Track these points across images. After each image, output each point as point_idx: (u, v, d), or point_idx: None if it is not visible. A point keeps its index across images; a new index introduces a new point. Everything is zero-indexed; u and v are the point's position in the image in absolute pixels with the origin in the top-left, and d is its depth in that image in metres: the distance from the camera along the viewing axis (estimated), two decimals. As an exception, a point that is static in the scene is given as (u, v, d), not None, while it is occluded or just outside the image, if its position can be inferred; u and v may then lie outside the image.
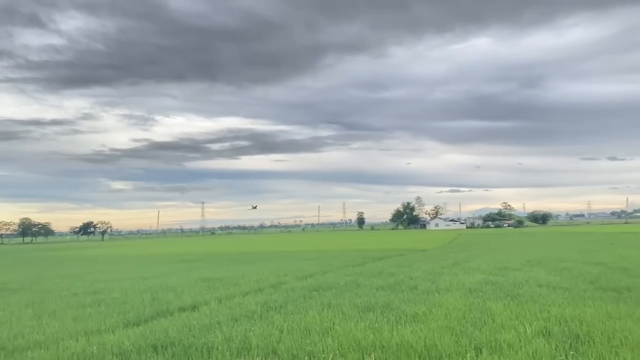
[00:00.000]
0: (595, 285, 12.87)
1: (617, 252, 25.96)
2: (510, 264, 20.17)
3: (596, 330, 7.55)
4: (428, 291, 12.76)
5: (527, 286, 13.01)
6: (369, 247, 43.23)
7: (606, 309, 9.18)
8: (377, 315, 9.67)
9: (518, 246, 36.29)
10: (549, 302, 10.30)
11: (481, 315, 9.20)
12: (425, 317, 9.23)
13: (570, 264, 19.22)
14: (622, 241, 39.38)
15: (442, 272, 17.79)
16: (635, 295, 10.87)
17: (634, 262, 19.27)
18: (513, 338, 7.27)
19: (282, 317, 9.84)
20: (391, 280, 15.37)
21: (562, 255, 24.68)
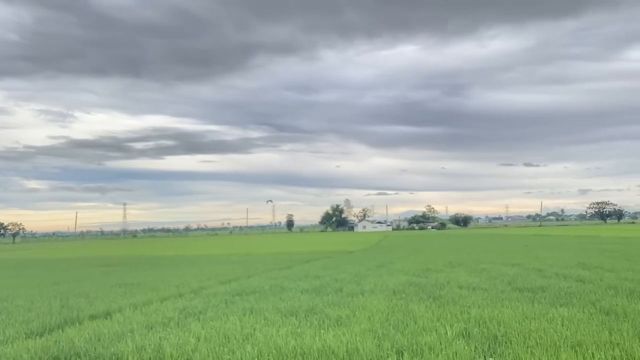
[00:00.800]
0: (512, 286, 13.34)
1: (532, 253, 27.30)
2: (433, 265, 20.65)
3: (513, 330, 7.71)
4: (353, 293, 12.71)
5: (448, 287, 13.28)
6: (297, 250, 43.10)
7: (522, 310, 9.46)
8: (300, 319, 9.45)
9: (441, 248, 37.44)
10: (469, 303, 10.50)
11: (404, 318, 9.22)
12: (349, 321, 9.12)
13: (489, 265, 19.95)
14: (536, 243, 41.63)
15: (367, 274, 17.89)
16: (548, 296, 11.32)
17: (548, 263, 20.29)
18: (434, 340, 7.28)
19: (201, 323, 9.40)
20: (317, 283, 15.23)
21: (481, 256, 25.64)
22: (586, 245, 35.19)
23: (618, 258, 21.89)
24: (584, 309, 9.50)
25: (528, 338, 7.20)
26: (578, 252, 26.90)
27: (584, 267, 17.79)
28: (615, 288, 12.06)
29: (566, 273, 15.93)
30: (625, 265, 17.94)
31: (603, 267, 17.79)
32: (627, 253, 25.11)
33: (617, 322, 8.08)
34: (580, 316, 8.74)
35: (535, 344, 6.85)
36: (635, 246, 31.68)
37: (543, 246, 35.38)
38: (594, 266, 18.12)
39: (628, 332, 7.33)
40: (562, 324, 8.08)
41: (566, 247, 32.49)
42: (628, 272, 15.71)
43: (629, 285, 12.46)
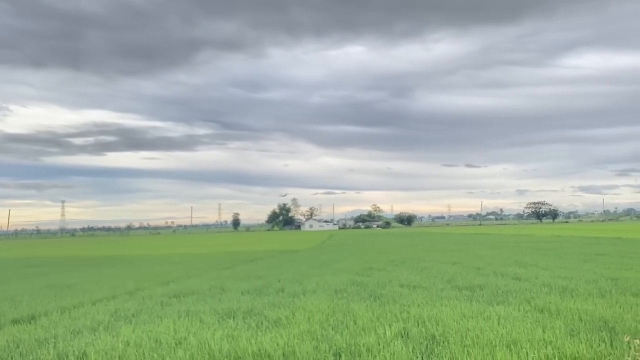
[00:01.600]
0: (451, 284, 13.50)
1: (471, 251, 27.98)
2: (376, 264, 20.74)
3: (451, 330, 7.71)
4: (294, 294, 12.50)
5: (390, 286, 13.29)
6: (242, 249, 42.49)
7: (461, 308, 9.52)
8: (238, 322, 9.14)
9: (384, 246, 37.83)
10: (409, 302, 10.50)
11: (344, 318, 9.08)
12: (288, 322, 8.89)
13: (430, 263, 20.23)
14: (476, 241, 42.81)
15: (310, 273, 17.73)
16: (486, 294, 11.49)
17: (486, 261, 20.79)
18: (372, 341, 7.16)
19: (132, 327, 8.92)
20: (259, 284, 14.93)
21: (423, 255, 26.02)
22: (523, 243, 36.45)
23: (552, 256, 22.71)
24: (520, 306, 9.67)
25: (465, 337, 7.19)
26: (515, 251, 27.77)
27: (520, 265, 18.31)
28: (549, 286, 12.39)
29: (503, 271, 16.31)
30: (558, 263, 18.59)
31: (538, 265, 18.36)
32: (561, 251, 26.14)
33: (550, 320, 8.24)
34: (515, 314, 8.87)
35: (472, 344, 6.84)
36: (568, 245, 33.08)
37: (482, 245, 36.39)
38: (530, 264, 18.69)
39: (560, 329, 7.46)
40: (499, 322, 8.15)
41: (504, 246, 33.52)
42: (561, 269, 16.26)
43: (561, 282, 12.84)
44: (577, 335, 7.08)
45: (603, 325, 7.66)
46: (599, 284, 12.53)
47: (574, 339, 6.81)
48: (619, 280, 13.05)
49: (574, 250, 26.32)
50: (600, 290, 11.44)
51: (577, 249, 27.49)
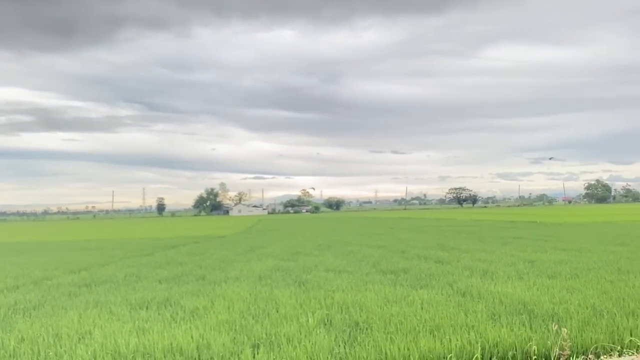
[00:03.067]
0: (376, 268, 13.46)
1: (396, 235, 28.44)
2: (302, 248, 20.52)
3: (375, 316, 7.52)
4: (216, 281, 11.96)
5: (315, 271, 13.05)
6: (164, 235, 41.01)
7: (385, 293, 9.40)
8: (151, 313, 8.52)
9: (313, 231, 37.80)
10: (334, 287, 10.27)
11: (266, 306, 8.70)
12: (206, 312, 8.38)
13: (357, 247, 20.26)
14: (401, 225, 43.77)
15: (235, 259, 17.21)
16: (410, 278, 11.50)
17: (410, 244, 21.10)
18: (294, 331, 6.82)
19: (31, 321, 8.10)
20: (178, 271, 14.24)
21: (350, 239, 26.13)
22: (445, 227, 37.62)
23: (472, 239, 23.44)
24: (442, 290, 9.68)
25: (389, 323, 7.01)
26: (438, 234, 28.52)
27: (443, 249, 18.69)
28: (470, 269, 12.61)
29: (427, 254, 16.55)
30: (479, 247, 19.15)
31: (460, 248, 18.82)
32: (480, 235, 27.10)
33: (472, 303, 8.25)
34: (438, 298, 8.84)
35: (395, 330, 6.66)
36: (487, 228, 34.46)
37: (407, 228, 37.20)
38: (452, 247, 19.13)
39: (482, 313, 7.46)
40: (422, 306, 8.07)
41: (427, 230, 34.42)
42: (482, 253, 16.71)
43: (482, 265, 13.12)
44: (498, 319, 7.08)
45: (522, 308, 7.74)
46: (517, 266, 12.90)
47: (495, 323, 6.79)
48: (535, 263, 13.51)
49: (492, 234, 27.36)
50: (518, 272, 11.74)
51: (495, 233, 28.62)
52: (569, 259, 14.06)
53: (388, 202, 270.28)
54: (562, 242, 20.15)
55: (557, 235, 24.54)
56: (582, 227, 32.30)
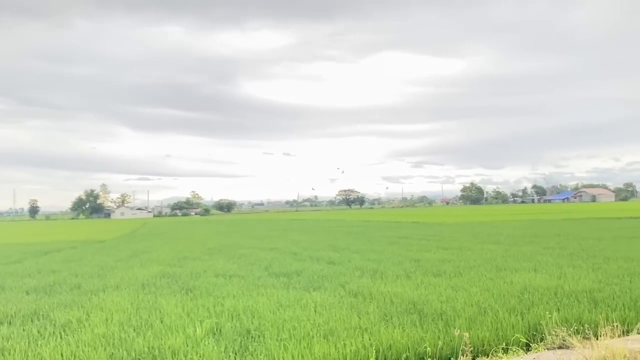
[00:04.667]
0: (269, 271, 13.16)
1: (289, 237, 28.35)
2: (191, 253, 19.66)
3: (267, 322, 7.21)
4: (93, 290, 10.96)
5: (204, 277, 12.47)
6: (36, 240, 37.47)
7: (277, 297, 9.13)
8: (14, 329, 7.52)
9: (202, 234, 36.63)
10: (224, 293, 9.82)
11: (149, 316, 8.04)
12: (80, 326, 7.56)
13: (248, 250, 19.82)
14: (293, 227, 43.88)
15: (115, 265, 16.01)
16: (303, 280, 11.34)
17: (302, 246, 21.07)
18: (180, 343, 6.32)
19: None
20: (50, 280, 12.90)
21: (242, 242, 25.58)
22: (336, 228, 38.29)
23: (362, 240, 23.98)
24: (335, 292, 9.62)
25: (282, 330, 6.74)
26: (329, 235, 28.87)
27: (334, 249, 18.85)
28: (361, 269, 12.74)
29: (319, 255, 16.56)
30: (368, 247, 19.57)
31: (350, 248, 19.10)
32: (369, 235, 27.85)
33: (364, 304, 8.24)
34: (332, 300, 8.74)
35: (288, 336, 6.40)
36: (375, 229, 35.58)
37: (299, 230, 37.33)
38: (343, 248, 19.36)
39: (374, 314, 7.44)
40: (315, 310, 7.90)
41: (319, 231, 34.78)
42: (371, 253, 17.06)
43: (372, 265, 13.33)
44: (390, 320, 7.09)
45: (412, 308, 7.85)
46: (404, 265, 13.26)
47: (388, 325, 6.78)
48: (420, 262, 13.99)
49: (380, 234, 28.24)
50: (406, 272, 12.05)
51: (383, 233, 29.59)
52: (451, 258, 14.74)
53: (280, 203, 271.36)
54: (443, 241, 21.22)
55: (438, 235, 25.87)
56: (460, 227, 34.45)
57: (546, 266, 12.22)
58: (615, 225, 30.15)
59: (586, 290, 8.66)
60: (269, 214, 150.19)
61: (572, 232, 24.60)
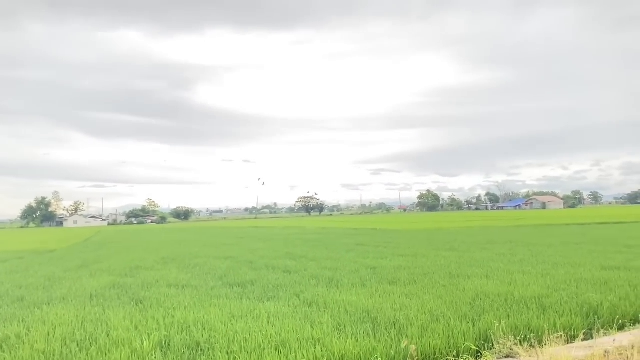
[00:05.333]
0: (223, 281, 12.89)
1: (246, 245, 27.96)
2: (144, 262, 19.09)
3: (218, 334, 7.00)
4: (36, 303, 10.46)
5: (156, 287, 12.10)
6: (-19, 250, 35.72)
7: (230, 308, 8.91)
8: (-57, 348, 7.04)
9: (157, 243, 35.74)
10: (175, 304, 9.53)
11: (95, 330, 7.70)
12: (19, 342, 7.16)
13: (204, 259, 19.41)
14: (250, 235, 43.40)
15: (64, 276, 15.37)
16: (257, 290, 11.14)
17: (259, 254, 20.80)
18: (125, 357, 6.06)
19: None
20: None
21: (197, 250, 25.06)
22: (293, 236, 38.08)
23: (319, 247, 23.89)
24: (290, 301, 9.48)
25: (232, 342, 6.56)
26: (286, 243, 28.65)
27: (291, 258, 18.68)
28: (317, 277, 12.64)
29: (275, 264, 16.37)
30: (325, 254, 19.50)
31: (307, 256, 18.98)
32: (326, 242, 27.80)
33: (318, 314, 8.14)
34: (285, 310, 8.60)
35: (239, 349, 6.23)
36: (333, 236, 35.58)
37: (256, 238, 36.93)
38: (300, 256, 19.22)
39: (328, 324, 7.34)
40: (268, 321, 7.74)
41: (276, 238, 34.48)
42: (328, 260, 16.99)
43: (328, 274, 13.25)
44: (343, 329, 7.01)
45: (366, 317, 7.79)
46: (360, 273, 13.24)
47: (341, 335, 6.69)
48: (377, 269, 14.01)
49: (338, 241, 28.23)
50: (362, 280, 12.02)
51: (340, 240, 29.60)
52: (407, 265, 14.83)
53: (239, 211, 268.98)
54: (400, 248, 21.38)
55: (395, 242, 26.07)
56: (416, 234, 34.86)
57: (498, 273, 12.44)
58: (563, 232, 31.16)
59: (535, 297, 8.82)
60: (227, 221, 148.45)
61: (523, 239, 25.25)
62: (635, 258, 14.53)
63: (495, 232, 33.86)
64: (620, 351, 5.29)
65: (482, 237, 27.93)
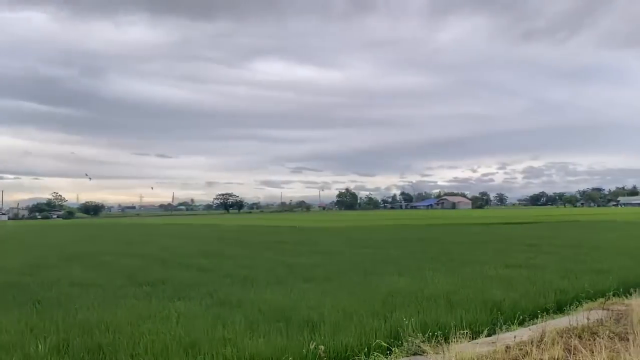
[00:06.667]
0: (132, 280, 12.32)
1: (158, 242, 27.02)
2: (45, 260, 17.88)
3: (123, 336, 6.63)
4: None
5: (57, 287, 11.34)
6: None
7: (138, 308, 8.50)
8: None
9: (62, 239, 33.67)
10: (78, 305, 8.95)
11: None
12: None
13: (112, 257, 18.49)
14: (165, 232, 42.03)
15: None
16: (169, 289, 10.75)
17: (173, 252, 20.16)
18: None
19: None
20: None
21: (106, 248, 23.84)
22: (210, 233, 37.32)
23: (236, 245, 23.55)
24: (202, 301, 9.20)
25: (138, 344, 6.23)
26: (202, 241, 28.01)
27: (206, 256, 18.23)
28: (231, 276, 12.41)
29: (189, 262, 15.92)
30: (242, 252, 19.24)
31: (223, 254, 18.63)
32: (244, 240, 27.46)
33: (231, 313, 7.94)
34: (196, 310, 8.32)
35: (144, 351, 5.93)
36: (251, 233, 35.26)
37: (171, 235, 35.84)
38: (215, 254, 18.82)
39: (241, 324, 7.17)
40: (178, 321, 7.43)
41: (192, 236, 33.64)
42: (244, 259, 16.75)
43: (244, 272, 13.04)
44: (256, 329, 6.87)
45: (280, 315, 7.70)
46: (277, 271, 13.15)
47: (253, 334, 6.55)
48: (293, 267, 13.99)
49: (256, 239, 27.98)
50: (278, 278, 11.94)
51: (259, 238, 29.36)
52: (323, 262, 14.94)
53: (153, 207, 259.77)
54: (317, 246, 21.54)
55: (313, 239, 26.24)
56: (334, 232, 35.32)
57: (410, 270, 12.80)
58: (472, 231, 32.80)
59: (444, 293, 9.14)
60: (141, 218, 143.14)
61: (435, 237, 26.29)
62: (535, 256, 15.52)
63: (408, 230, 35.02)
64: (520, 346, 5.56)
65: (396, 235, 28.78)
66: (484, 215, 69.81)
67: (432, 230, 34.06)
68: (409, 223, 48.11)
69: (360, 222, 55.58)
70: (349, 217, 78.97)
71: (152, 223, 75.77)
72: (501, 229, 35.11)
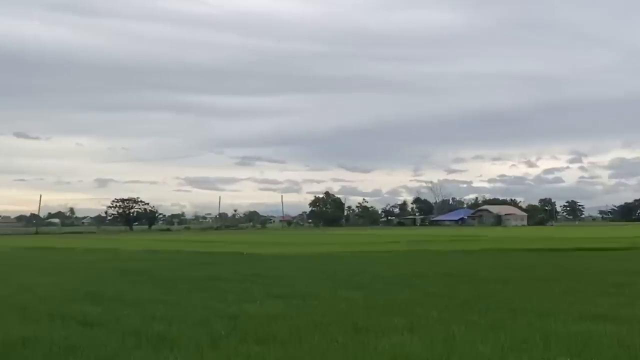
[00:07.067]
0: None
1: (18, 279, 26.79)
2: None
3: None
4: None
5: None
6: None
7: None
8: None
9: None
10: None
11: None
12: None
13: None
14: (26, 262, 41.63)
15: None
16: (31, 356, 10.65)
17: (39, 295, 19.98)
18: None
19: None
20: None
21: None
22: (103, 263, 37.05)
23: (146, 283, 23.46)
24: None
25: None
26: (89, 276, 27.84)
27: (96, 300, 18.12)
28: (138, 334, 12.35)
29: (67, 311, 15.82)
30: (155, 295, 19.16)
31: (124, 298, 18.53)
32: (159, 275, 27.36)
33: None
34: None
35: None
36: (169, 264, 35.11)
37: (36, 267, 35.55)
38: (111, 297, 18.71)
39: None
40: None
41: (73, 268, 33.40)
42: (159, 305, 16.67)
43: (158, 328, 12.99)
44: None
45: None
46: (212, 326, 13.13)
47: None
48: (239, 319, 13.98)
49: (179, 274, 27.87)
50: (213, 337, 11.91)
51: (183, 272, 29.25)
52: (287, 312, 14.95)
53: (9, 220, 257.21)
54: (278, 285, 21.58)
55: (272, 274, 26.30)
56: (305, 261, 35.41)
57: (427, 324, 12.89)
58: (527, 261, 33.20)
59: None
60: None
61: (467, 270, 26.56)
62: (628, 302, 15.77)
63: (425, 259, 35.26)
64: None
65: (405, 267, 28.94)
66: (546, 237, 70.84)
67: (464, 260, 34.42)
68: (427, 248, 48.54)
69: (349, 246, 55.89)
70: (331, 238, 79.44)
71: (4, 246, 74.93)
72: (573, 258, 35.64)
